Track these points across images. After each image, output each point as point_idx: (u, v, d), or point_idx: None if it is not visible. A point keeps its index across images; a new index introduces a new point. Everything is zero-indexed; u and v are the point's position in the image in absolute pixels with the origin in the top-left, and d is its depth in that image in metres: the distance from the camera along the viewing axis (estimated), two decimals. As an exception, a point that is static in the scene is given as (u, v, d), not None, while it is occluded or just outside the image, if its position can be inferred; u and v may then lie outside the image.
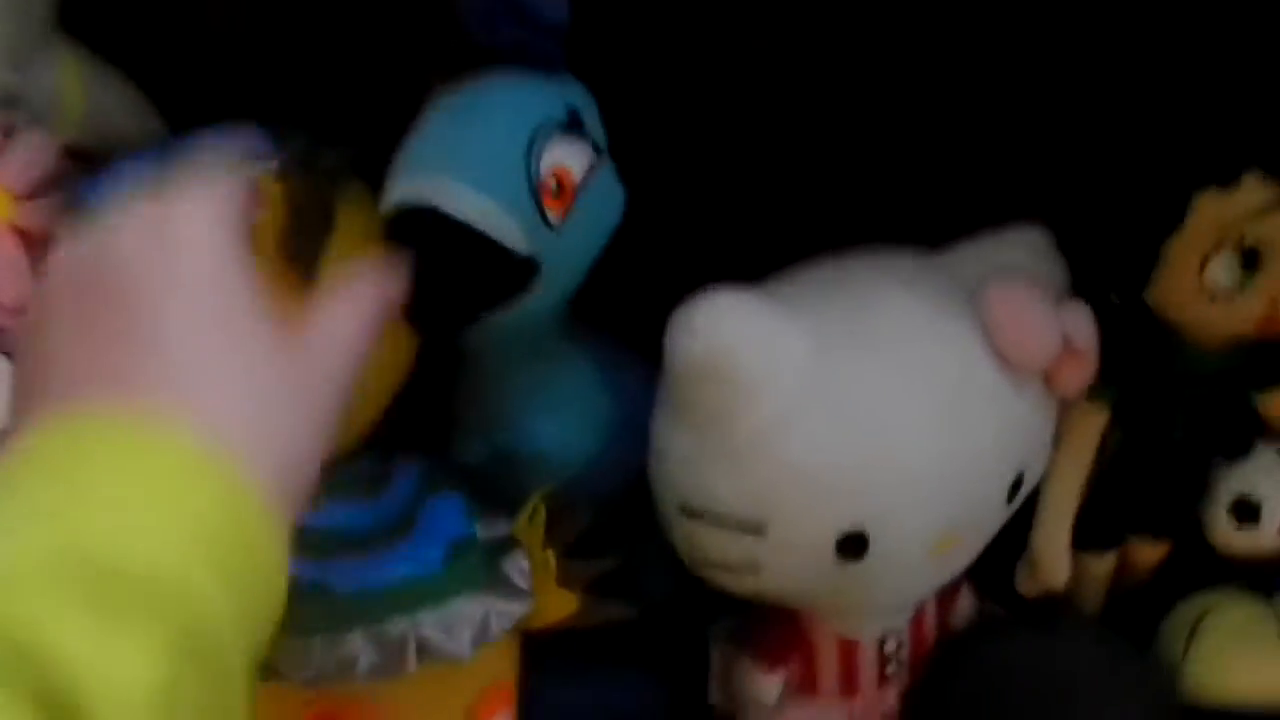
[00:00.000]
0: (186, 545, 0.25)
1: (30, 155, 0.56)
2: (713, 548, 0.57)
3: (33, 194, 0.56)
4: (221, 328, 0.31)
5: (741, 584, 0.59)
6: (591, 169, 0.50)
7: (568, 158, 0.49)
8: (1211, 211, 0.57)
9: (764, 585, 0.58)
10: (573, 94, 0.51)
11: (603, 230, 0.54)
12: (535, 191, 0.49)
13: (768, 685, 0.66)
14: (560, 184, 0.50)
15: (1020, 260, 0.61)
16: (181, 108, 0.62)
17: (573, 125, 0.50)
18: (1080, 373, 0.59)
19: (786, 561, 0.57)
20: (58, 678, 0.21)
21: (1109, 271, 0.62)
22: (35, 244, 0.54)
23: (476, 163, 0.48)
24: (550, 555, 0.53)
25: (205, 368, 0.29)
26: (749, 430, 0.54)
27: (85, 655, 0.21)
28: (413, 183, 0.49)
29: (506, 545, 0.54)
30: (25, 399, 0.30)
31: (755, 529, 0.55)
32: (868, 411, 0.55)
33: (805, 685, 0.67)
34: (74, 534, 0.24)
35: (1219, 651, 0.65)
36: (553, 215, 0.49)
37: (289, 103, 0.51)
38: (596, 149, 0.51)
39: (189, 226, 0.32)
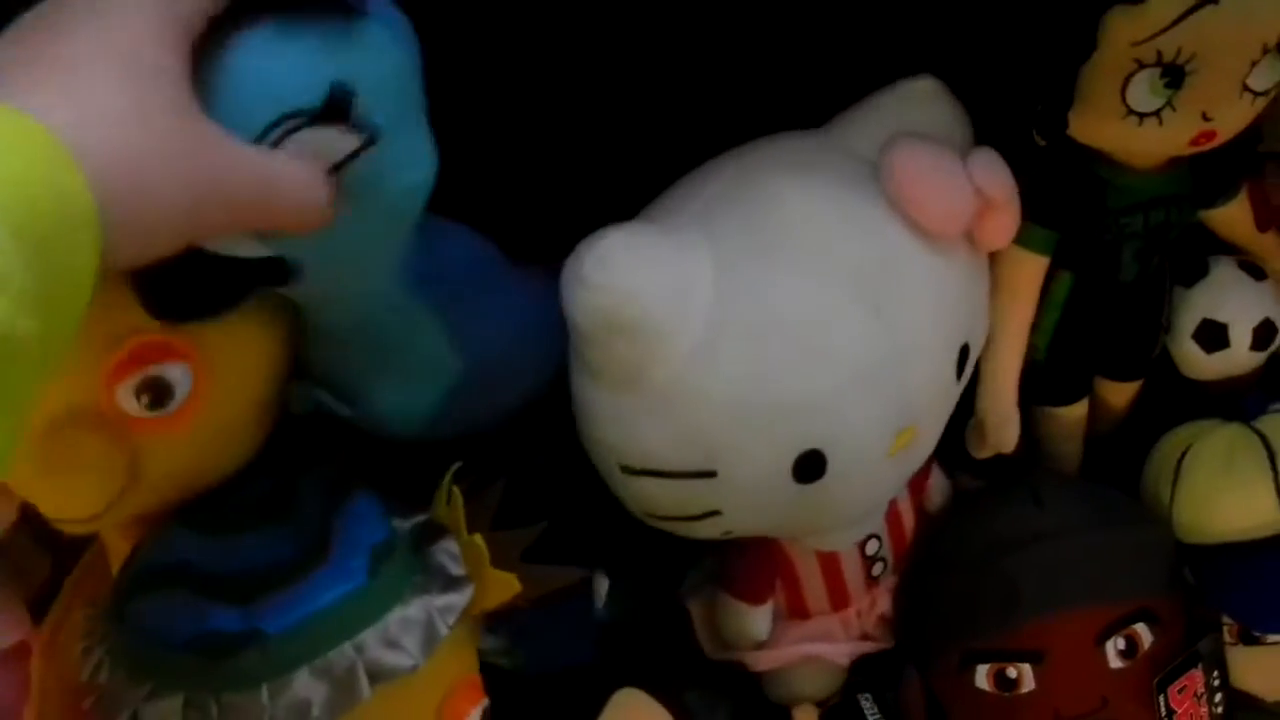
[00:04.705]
0: None
1: None
2: (665, 501, 0.53)
3: None
4: (122, 67, 0.36)
5: (704, 530, 0.55)
6: (357, 154, 0.43)
7: (315, 153, 0.42)
8: (1123, 30, 0.52)
9: (728, 526, 0.54)
10: (355, 60, 0.43)
11: (393, 208, 0.47)
12: None
13: (757, 619, 0.63)
14: None
15: (915, 117, 0.55)
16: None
17: (331, 111, 0.42)
18: (1004, 223, 0.54)
19: (745, 499, 0.53)
20: None
21: (1028, 112, 0.57)
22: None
23: None
24: (477, 538, 0.50)
25: (92, 85, 0.36)
26: (669, 374, 0.49)
27: None
28: None
29: (430, 532, 0.50)
30: None
31: (704, 474, 0.51)
32: (790, 322, 0.50)
33: (795, 608, 0.64)
34: None
35: (1207, 488, 0.62)
36: None
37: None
38: (369, 130, 0.43)
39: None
